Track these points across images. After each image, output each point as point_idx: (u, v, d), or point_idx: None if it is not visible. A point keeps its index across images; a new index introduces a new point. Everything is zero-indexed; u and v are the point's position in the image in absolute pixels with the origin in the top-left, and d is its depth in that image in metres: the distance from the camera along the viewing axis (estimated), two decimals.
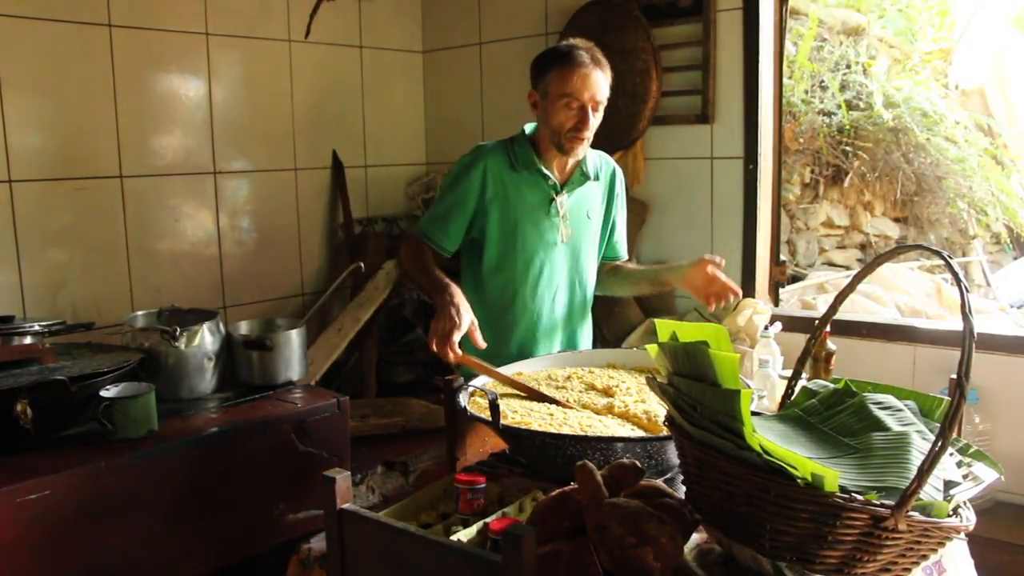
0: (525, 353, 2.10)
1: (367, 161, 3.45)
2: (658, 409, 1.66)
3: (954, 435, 1.06)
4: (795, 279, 4.13)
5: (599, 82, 1.95)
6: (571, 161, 2.07)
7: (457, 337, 1.80)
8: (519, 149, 2.05)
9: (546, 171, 2.05)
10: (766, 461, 1.07)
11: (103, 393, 1.86)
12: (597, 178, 2.13)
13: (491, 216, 2.04)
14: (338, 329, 3.04)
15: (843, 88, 4.47)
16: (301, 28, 3.13)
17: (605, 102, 1.99)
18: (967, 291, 1.07)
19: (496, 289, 2.10)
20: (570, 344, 2.19)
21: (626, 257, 2.29)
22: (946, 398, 1.30)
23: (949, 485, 1.12)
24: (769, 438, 1.10)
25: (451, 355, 1.80)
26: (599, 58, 1.97)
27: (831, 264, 4.66)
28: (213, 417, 2.05)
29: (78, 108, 2.55)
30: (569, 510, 1.21)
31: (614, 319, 2.91)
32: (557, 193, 2.06)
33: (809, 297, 3.78)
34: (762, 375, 2.12)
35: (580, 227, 2.11)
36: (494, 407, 1.53)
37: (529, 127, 2.10)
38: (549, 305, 2.12)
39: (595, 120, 1.98)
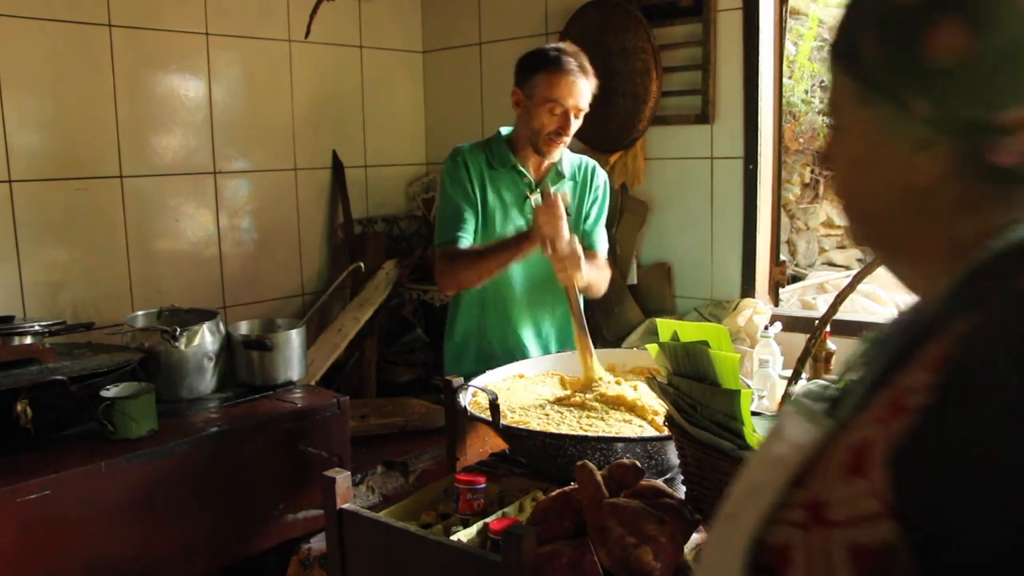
0: (510, 343, 2.15)
1: (367, 161, 3.45)
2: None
3: None
4: (795, 279, 4.13)
5: (584, 90, 2.00)
6: (547, 161, 2.12)
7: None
8: (496, 148, 2.11)
9: (521, 169, 2.10)
10: None
11: (103, 393, 1.86)
12: (574, 178, 2.16)
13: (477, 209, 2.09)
14: (338, 329, 3.04)
15: None
16: (301, 28, 3.13)
17: (587, 109, 2.03)
18: None
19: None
20: (559, 335, 2.21)
21: (596, 250, 2.21)
22: None
23: None
24: None
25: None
26: (586, 66, 2.01)
27: (831, 264, 4.66)
28: (213, 417, 2.05)
29: (78, 108, 2.55)
30: (569, 510, 1.21)
31: (614, 319, 2.91)
32: (532, 190, 2.11)
33: (809, 297, 3.78)
34: (762, 375, 2.12)
35: None
36: (494, 407, 1.54)
37: (505, 130, 2.15)
38: (525, 295, 2.15)
39: (575, 125, 2.03)
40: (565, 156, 2.14)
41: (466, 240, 2.03)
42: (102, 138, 2.61)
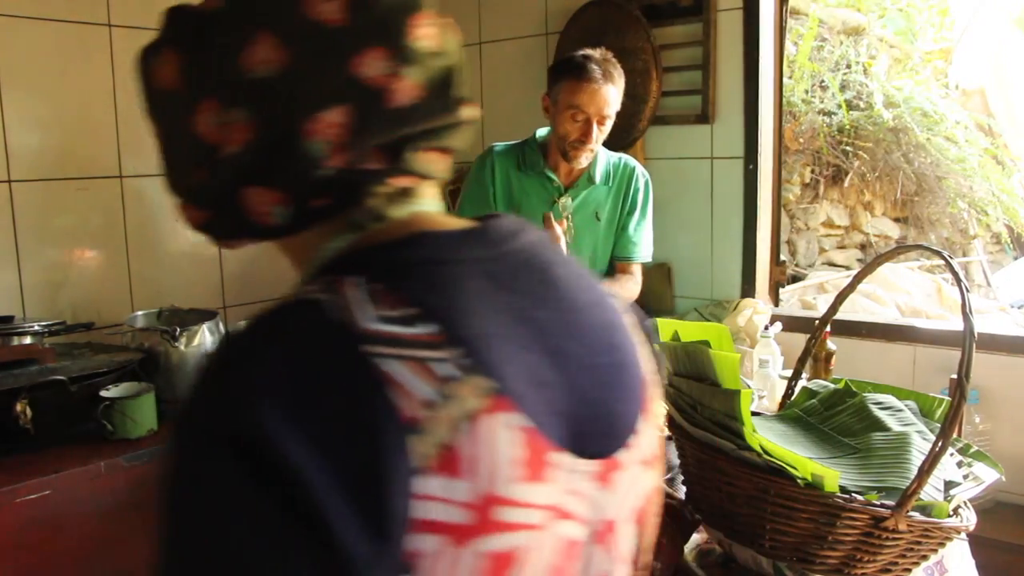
0: None
1: None
2: None
3: (954, 435, 1.06)
4: (795, 279, 4.13)
5: (608, 97, 1.97)
6: (577, 166, 2.11)
7: None
8: (527, 151, 2.13)
9: (550, 174, 2.11)
10: (766, 461, 1.07)
11: (103, 393, 1.86)
12: (607, 182, 2.16)
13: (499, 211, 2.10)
14: None
15: (843, 88, 4.47)
16: None
17: (614, 116, 2.02)
18: (967, 291, 1.07)
19: None
20: None
21: (639, 259, 2.28)
22: (946, 398, 1.30)
23: (949, 485, 1.12)
24: (769, 438, 1.10)
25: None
26: (611, 72, 1.99)
27: (831, 264, 4.67)
28: None
29: (78, 108, 2.55)
30: None
31: None
32: (560, 195, 2.11)
33: (809, 297, 3.78)
34: (762, 375, 2.12)
35: (585, 228, 2.17)
36: None
37: (541, 132, 2.16)
38: None
39: (601, 133, 2.03)
40: (600, 158, 2.13)
41: None
42: (102, 138, 2.61)
